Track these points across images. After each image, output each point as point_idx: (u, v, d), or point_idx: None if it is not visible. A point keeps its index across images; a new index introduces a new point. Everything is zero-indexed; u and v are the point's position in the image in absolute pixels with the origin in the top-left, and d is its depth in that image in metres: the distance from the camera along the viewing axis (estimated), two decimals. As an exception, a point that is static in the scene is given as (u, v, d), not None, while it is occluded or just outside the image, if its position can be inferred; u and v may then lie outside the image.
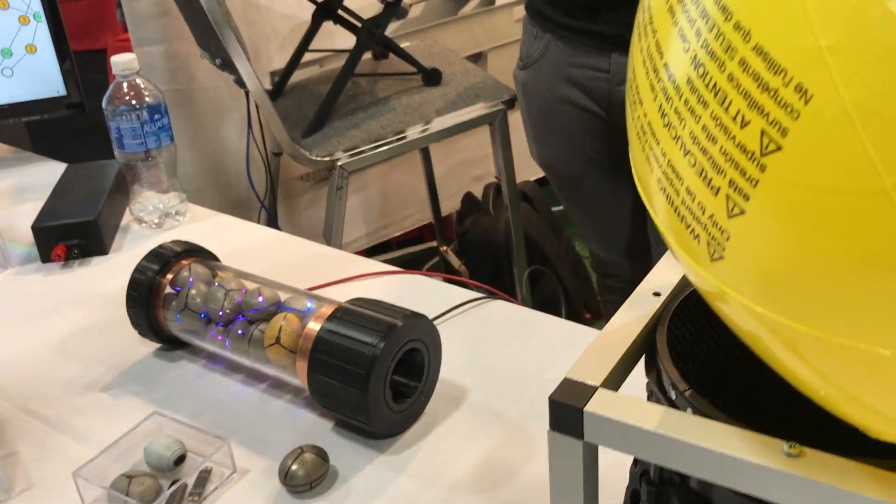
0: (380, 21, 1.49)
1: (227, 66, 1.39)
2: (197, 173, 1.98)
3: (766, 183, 0.29)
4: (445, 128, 1.48)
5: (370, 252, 2.44)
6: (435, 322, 0.70)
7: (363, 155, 1.42)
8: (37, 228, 1.00)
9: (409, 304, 0.68)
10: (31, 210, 1.06)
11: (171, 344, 0.79)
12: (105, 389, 0.76)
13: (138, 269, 0.76)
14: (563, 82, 1.27)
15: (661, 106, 0.35)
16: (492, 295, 0.84)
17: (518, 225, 1.70)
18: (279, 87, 1.75)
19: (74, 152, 1.49)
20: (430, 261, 2.24)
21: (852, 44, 0.27)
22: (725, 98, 0.31)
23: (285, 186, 2.09)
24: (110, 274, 0.98)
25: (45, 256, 1.01)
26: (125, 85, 1.01)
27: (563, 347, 0.77)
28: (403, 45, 1.73)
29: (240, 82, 1.44)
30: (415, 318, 0.65)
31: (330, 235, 1.43)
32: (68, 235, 1.00)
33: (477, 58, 2.39)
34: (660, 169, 0.36)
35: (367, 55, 1.70)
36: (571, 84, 1.27)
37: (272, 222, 1.99)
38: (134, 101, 1.01)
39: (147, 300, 0.75)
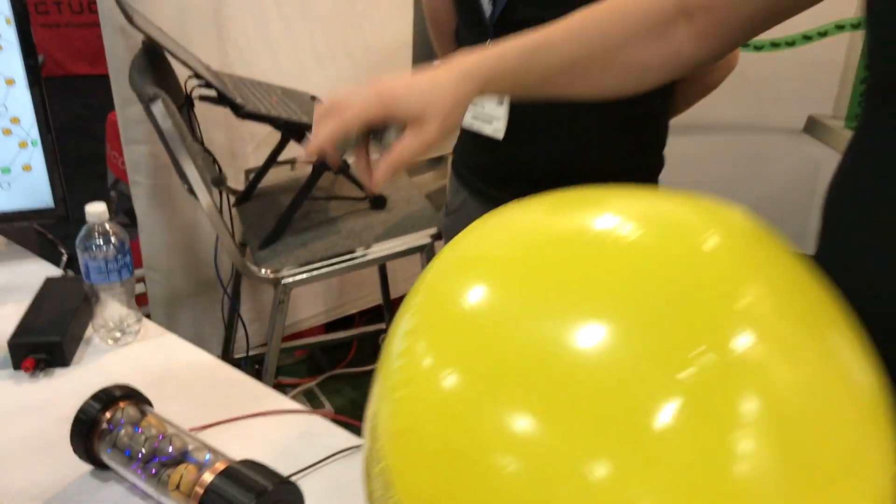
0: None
1: (182, 178, 1.58)
2: (170, 257, 2.18)
3: None
4: (381, 255, 1.68)
5: (329, 327, 2.64)
6: (307, 472, 0.89)
7: (306, 276, 1.62)
8: (11, 344, 1.19)
9: (297, 447, 0.86)
10: (13, 313, 1.25)
11: (104, 468, 0.98)
12: (37, 498, 0.95)
13: (82, 409, 0.96)
14: (476, 233, 1.48)
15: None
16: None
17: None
18: (249, 191, 1.96)
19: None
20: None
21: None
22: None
23: (250, 272, 2.28)
24: (69, 386, 1.18)
25: (17, 365, 1.20)
26: (96, 229, 1.22)
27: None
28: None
29: (191, 191, 1.63)
30: (284, 483, 0.85)
31: (270, 341, 1.62)
32: (37, 350, 1.20)
33: (438, 161, 2.62)
34: None
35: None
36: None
37: (234, 306, 2.19)
38: (102, 243, 1.22)
39: (87, 433, 0.95)
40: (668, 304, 0.44)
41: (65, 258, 1.58)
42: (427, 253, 1.71)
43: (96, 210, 1.21)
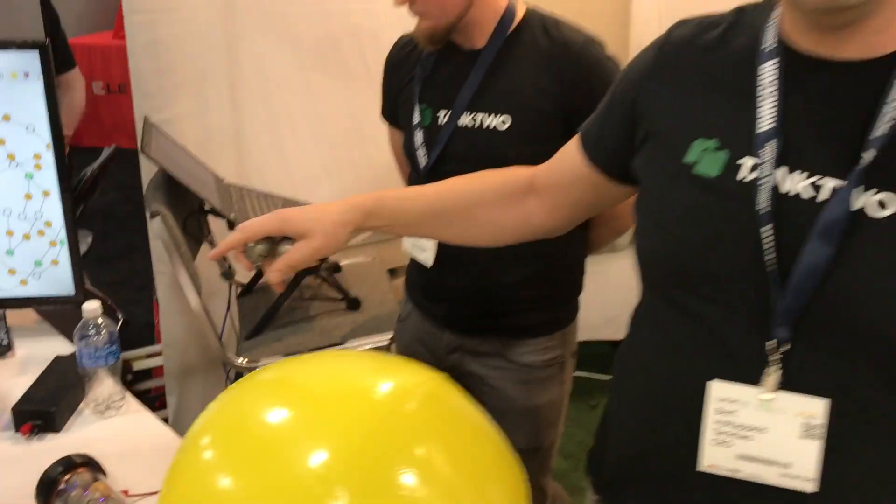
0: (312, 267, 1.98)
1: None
2: (185, 336, 2.46)
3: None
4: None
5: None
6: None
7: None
8: (14, 410, 1.47)
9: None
10: (26, 382, 1.53)
11: (60, 518, 1.23)
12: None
13: (46, 471, 1.21)
14: (416, 341, 1.72)
15: None
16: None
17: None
18: (250, 286, 2.24)
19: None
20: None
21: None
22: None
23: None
24: (56, 450, 1.44)
25: (17, 428, 1.47)
26: (90, 323, 1.50)
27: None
28: (354, 259, 2.21)
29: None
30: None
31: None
32: (34, 417, 1.47)
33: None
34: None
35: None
36: (420, 343, 1.71)
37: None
38: (94, 334, 1.49)
39: (48, 491, 1.20)
40: (368, 454, 0.65)
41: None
42: (384, 353, 1.95)
43: (91, 307, 1.49)
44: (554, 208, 1.14)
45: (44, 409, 1.47)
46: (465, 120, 1.48)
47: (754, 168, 0.84)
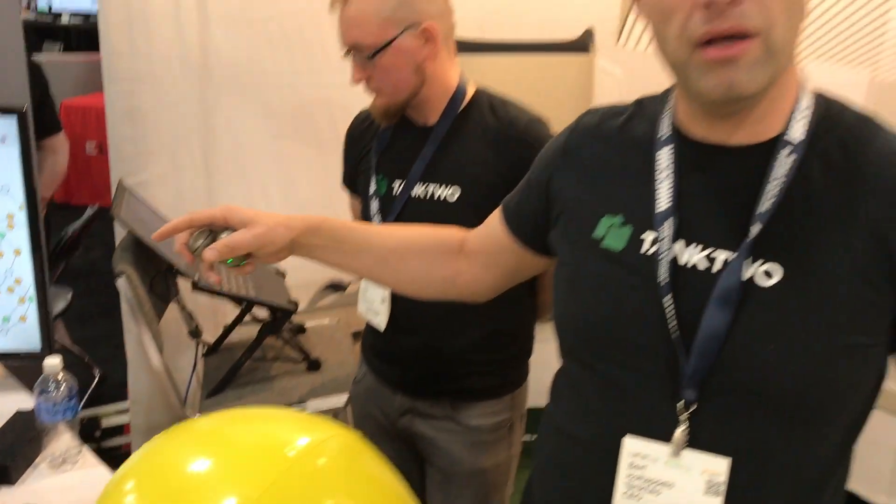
0: (276, 325, 2.04)
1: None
2: (150, 395, 2.49)
3: None
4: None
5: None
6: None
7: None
8: (-30, 463, 1.50)
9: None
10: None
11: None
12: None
13: (-5, 521, 1.25)
14: (370, 403, 1.76)
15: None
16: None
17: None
18: (216, 346, 2.29)
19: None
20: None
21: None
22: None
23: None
24: (8, 502, 1.47)
25: (-26, 479, 1.50)
26: (50, 379, 1.54)
27: None
28: (319, 321, 2.27)
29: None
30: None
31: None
32: (-10, 469, 1.50)
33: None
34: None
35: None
36: (374, 405, 1.75)
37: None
38: (52, 389, 1.54)
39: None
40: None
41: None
42: (340, 416, 1.99)
43: (51, 363, 1.54)
44: (480, 272, 1.21)
45: (3, 464, 1.51)
46: (418, 190, 1.56)
47: (654, 242, 0.92)
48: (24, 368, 2.12)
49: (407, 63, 1.48)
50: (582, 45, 2.88)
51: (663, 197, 0.92)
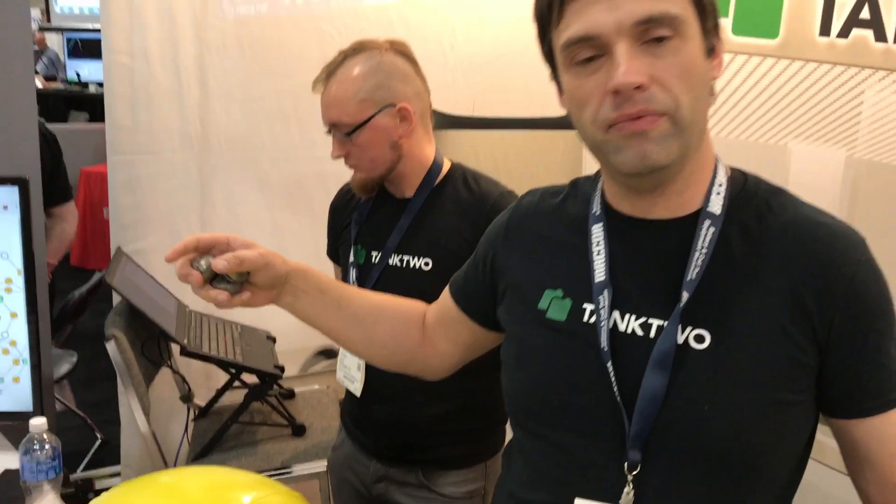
0: (262, 389, 2.08)
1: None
2: (141, 458, 2.52)
3: None
4: (281, 478, 1.99)
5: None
6: None
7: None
8: (-46, 520, 1.54)
9: None
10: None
11: None
12: None
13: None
14: (347, 469, 1.79)
15: None
16: None
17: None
18: (205, 410, 2.33)
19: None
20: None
21: None
22: None
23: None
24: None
25: (-44, 538, 1.54)
26: (35, 438, 1.59)
27: None
28: (309, 387, 2.30)
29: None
30: None
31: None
32: (-28, 528, 1.54)
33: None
34: None
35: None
36: (350, 471, 1.78)
37: None
38: (37, 449, 1.58)
39: None
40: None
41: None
42: (322, 481, 2.01)
43: (37, 423, 1.59)
44: (439, 345, 1.25)
45: (-16, 521, 1.54)
46: (394, 260, 1.62)
47: (593, 313, 0.97)
48: (18, 429, 2.16)
49: (383, 140, 1.56)
50: (568, 121, 2.99)
51: (598, 270, 0.98)
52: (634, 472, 0.92)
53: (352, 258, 1.69)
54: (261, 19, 2.45)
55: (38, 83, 9.05)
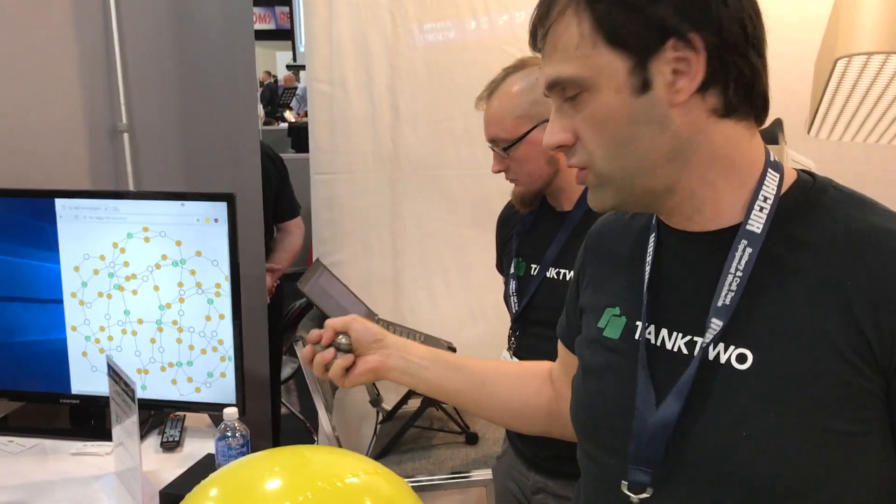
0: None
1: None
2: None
3: None
4: (445, 483, 2.03)
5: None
6: None
7: None
8: (162, 493, 1.73)
9: None
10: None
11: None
12: None
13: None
14: (509, 479, 1.80)
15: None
16: None
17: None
18: (391, 414, 2.44)
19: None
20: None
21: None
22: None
23: None
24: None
25: (162, 509, 1.74)
26: (228, 426, 1.76)
27: None
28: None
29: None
30: None
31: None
32: (175, 501, 1.72)
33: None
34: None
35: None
36: (512, 481, 1.79)
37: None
38: (230, 435, 1.74)
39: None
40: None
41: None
42: (486, 487, 2.03)
43: (230, 412, 1.76)
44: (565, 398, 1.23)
45: (183, 494, 1.73)
46: (551, 273, 1.63)
47: (642, 329, 0.93)
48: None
49: (539, 155, 1.58)
50: (772, 135, 2.82)
51: (644, 284, 0.94)
52: (643, 496, 0.88)
53: (512, 270, 1.72)
54: (448, 45, 2.56)
55: (291, 117, 9.92)
